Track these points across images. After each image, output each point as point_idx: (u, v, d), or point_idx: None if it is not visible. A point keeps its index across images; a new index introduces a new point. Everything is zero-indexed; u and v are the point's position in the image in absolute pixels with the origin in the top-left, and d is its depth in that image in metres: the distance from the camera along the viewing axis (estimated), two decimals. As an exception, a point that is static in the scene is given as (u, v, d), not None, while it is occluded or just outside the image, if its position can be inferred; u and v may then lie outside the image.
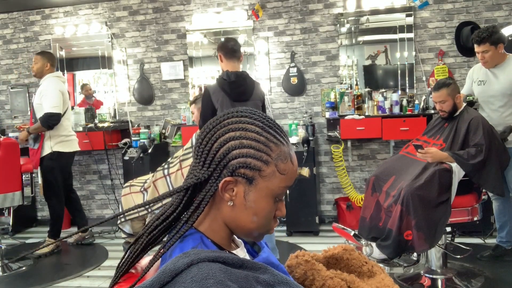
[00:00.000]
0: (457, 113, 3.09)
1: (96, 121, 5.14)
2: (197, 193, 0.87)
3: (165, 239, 0.91)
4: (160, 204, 3.34)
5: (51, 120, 4.00)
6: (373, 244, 2.88)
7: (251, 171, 0.84)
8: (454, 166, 2.85)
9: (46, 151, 4.11)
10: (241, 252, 0.94)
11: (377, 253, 2.84)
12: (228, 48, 3.22)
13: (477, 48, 3.29)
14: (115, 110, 5.35)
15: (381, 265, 1.23)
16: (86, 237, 4.50)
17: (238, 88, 3.14)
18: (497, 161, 2.95)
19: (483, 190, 3.05)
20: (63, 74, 5.35)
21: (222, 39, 4.96)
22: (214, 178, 0.85)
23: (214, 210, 0.88)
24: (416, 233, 2.70)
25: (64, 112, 4.12)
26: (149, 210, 3.50)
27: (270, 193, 0.86)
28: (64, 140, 4.16)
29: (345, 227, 3.10)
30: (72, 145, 4.25)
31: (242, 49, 4.93)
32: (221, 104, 3.15)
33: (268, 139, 0.85)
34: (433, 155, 2.89)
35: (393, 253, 2.79)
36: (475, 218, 2.98)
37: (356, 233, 3.00)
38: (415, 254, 2.93)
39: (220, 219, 0.88)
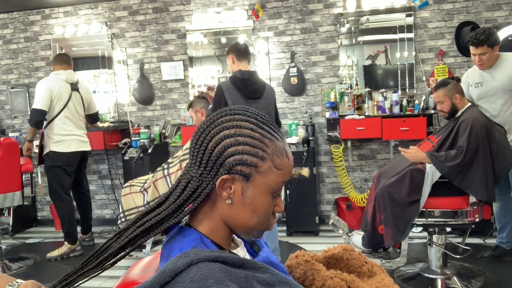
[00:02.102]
0: (459, 113, 3.03)
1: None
2: (193, 192, 0.87)
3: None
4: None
5: (33, 116, 3.95)
6: (357, 234, 3.05)
7: (248, 168, 0.84)
8: (429, 167, 2.85)
9: (46, 150, 4.10)
10: (241, 252, 0.94)
11: (360, 243, 3.00)
12: (242, 49, 3.34)
13: (474, 50, 3.26)
14: (115, 110, 5.35)
15: (364, 254, 1.24)
16: (86, 239, 4.48)
17: (251, 86, 3.23)
18: (487, 165, 2.83)
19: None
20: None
21: (222, 39, 4.96)
22: (210, 176, 0.85)
23: (212, 210, 0.88)
24: (384, 228, 2.84)
25: (61, 111, 4.00)
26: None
27: (268, 189, 0.86)
28: (60, 140, 4.03)
29: (331, 216, 3.26)
30: (69, 146, 4.06)
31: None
32: (233, 101, 3.21)
33: (263, 135, 0.85)
34: (411, 155, 2.92)
35: (366, 244, 2.96)
36: (477, 220, 2.96)
37: (334, 223, 3.17)
38: (401, 248, 2.99)
39: (219, 218, 0.88)
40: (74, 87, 4.13)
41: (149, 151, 4.74)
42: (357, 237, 3.03)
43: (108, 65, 5.32)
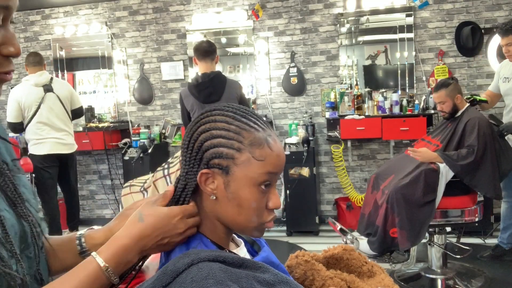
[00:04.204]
0: (459, 113, 3.07)
1: (96, 121, 5.15)
2: (182, 191, 0.89)
3: None
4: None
5: (8, 127, 4.12)
6: (360, 239, 2.96)
7: (225, 160, 0.83)
8: (442, 166, 2.85)
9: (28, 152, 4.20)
10: (241, 252, 0.93)
11: (367, 248, 2.91)
12: (200, 50, 3.21)
13: (501, 40, 3.24)
14: (115, 110, 5.36)
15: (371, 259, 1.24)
16: None
17: (204, 90, 3.13)
18: (494, 163, 2.89)
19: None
20: (63, 75, 5.35)
21: (222, 39, 4.95)
22: (193, 173, 0.85)
23: (205, 209, 0.88)
24: (399, 231, 2.77)
25: (32, 117, 3.99)
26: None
27: (250, 181, 0.83)
28: (36, 143, 4.06)
29: (335, 221, 3.17)
30: (43, 148, 4.05)
31: (242, 49, 5.01)
32: (191, 107, 3.18)
33: (239, 127, 0.84)
34: (422, 155, 2.91)
35: (378, 249, 2.86)
36: (477, 219, 2.97)
37: (343, 227, 3.08)
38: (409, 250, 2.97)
39: (213, 217, 0.88)
40: (47, 88, 4.04)
41: (149, 151, 4.74)
42: (363, 242, 2.96)
43: (108, 65, 5.32)
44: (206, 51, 3.19)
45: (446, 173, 2.85)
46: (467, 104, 3.10)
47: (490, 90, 3.56)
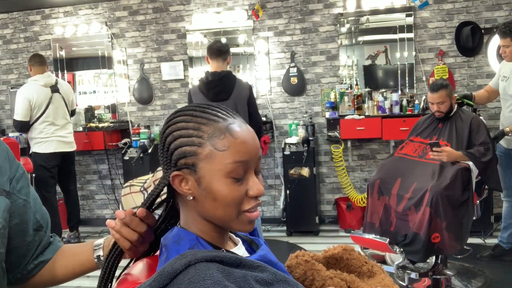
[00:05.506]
0: (452, 113, 3.14)
1: (96, 121, 5.14)
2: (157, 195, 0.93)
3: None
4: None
5: (16, 126, 4.18)
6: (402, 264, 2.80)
7: (190, 158, 0.83)
8: (471, 164, 2.89)
9: (30, 151, 4.26)
10: (240, 251, 0.93)
11: (402, 261, 2.77)
12: (213, 48, 3.26)
13: (500, 42, 3.29)
14: (115, 110, 5.35)
15: (400, 271, 1.23)
16: (71, 236, 4.51)
17: (214, 88, 3.16)
18: (495, 159, 3.04)
19: (486, 188, 3.08)
20: (63, 75, 5.36)
21: (222, 39, 4.95)
22: (167, 175, 0.87)
23: (191, 212, 0.88)
24: (447, 235, 2.66)
25: (40, 116, 4.08)
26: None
27: (220, 173, 0.82)
28: (41, 142, 4.14)
29: (376, 236, 2.86)
30: (49, 147, 4.15)
31: (242, 49, 5.01)
32: None
33: (198, 122, 0.84)
34: (449, 154, 2.89)
35: (423, 258, 2.72)
36: (474, 217, 2.98)
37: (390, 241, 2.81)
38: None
39: (199, 217, 0.87)
40: (54, 88, 4.19)
41: (149, 151, 4.74)
42: (396, 257, 2.80)
43: (108, 65, 5.32)
44: (219, 50, 3.24)
45: (475, 171, 2.90)
46: (456, 104, 3.20)
47: (490, 85, 3.60)
